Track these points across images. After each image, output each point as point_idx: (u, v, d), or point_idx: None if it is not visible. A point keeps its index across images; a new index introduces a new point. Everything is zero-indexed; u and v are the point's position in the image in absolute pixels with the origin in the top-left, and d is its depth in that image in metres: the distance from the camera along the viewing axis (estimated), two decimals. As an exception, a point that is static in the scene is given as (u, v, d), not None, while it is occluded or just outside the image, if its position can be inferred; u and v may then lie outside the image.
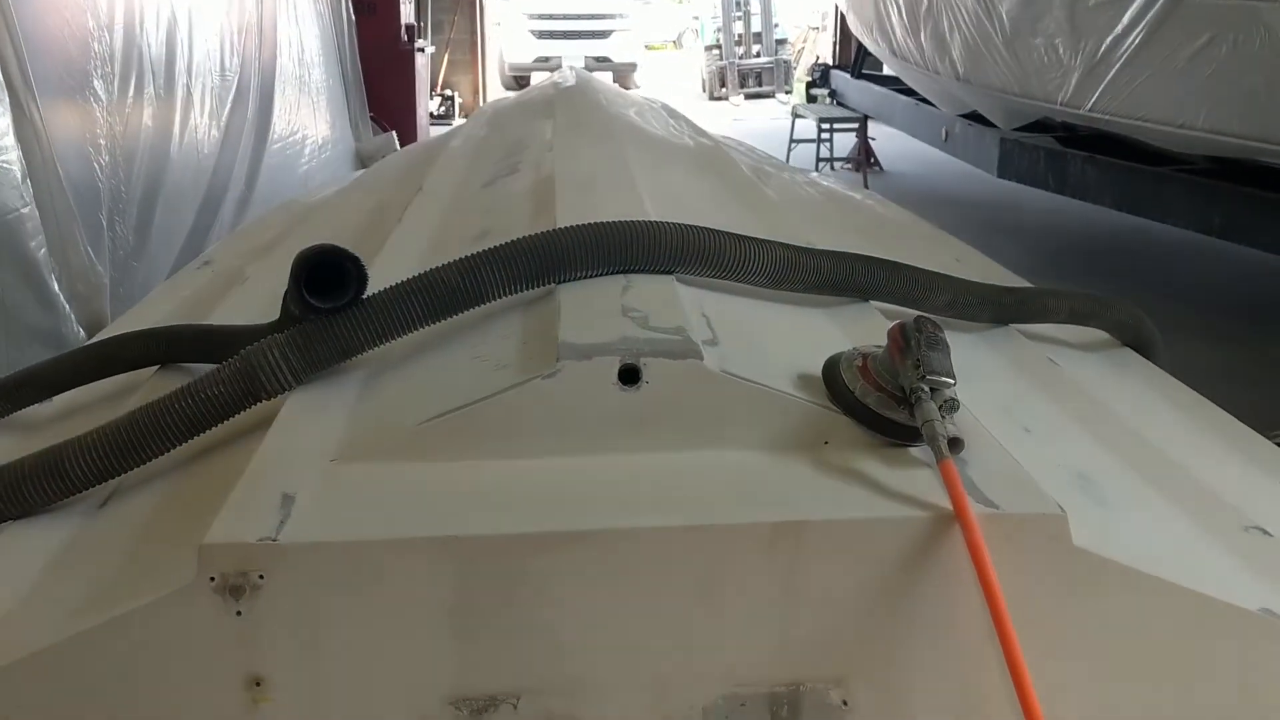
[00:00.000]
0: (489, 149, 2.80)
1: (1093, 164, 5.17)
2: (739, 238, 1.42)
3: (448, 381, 1.18)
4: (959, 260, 2.71)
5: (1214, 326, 5.29)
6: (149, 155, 3.89)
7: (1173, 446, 1.42)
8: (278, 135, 5.64)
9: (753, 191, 2.36)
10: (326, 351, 1.24)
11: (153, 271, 3.81)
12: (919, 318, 1.13)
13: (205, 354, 1.57)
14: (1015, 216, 8.00)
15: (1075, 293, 1.92)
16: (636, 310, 1.21)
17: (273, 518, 0.96)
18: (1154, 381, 1.80)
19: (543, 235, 1.33)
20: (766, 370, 1.17)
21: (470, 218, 2.00)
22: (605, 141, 2.40)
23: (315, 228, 2.47)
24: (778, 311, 1.46)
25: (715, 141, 3.06)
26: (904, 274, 1.59)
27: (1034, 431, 1.32)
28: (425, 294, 1.27)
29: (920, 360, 1.08)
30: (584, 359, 1.09)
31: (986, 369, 1.56)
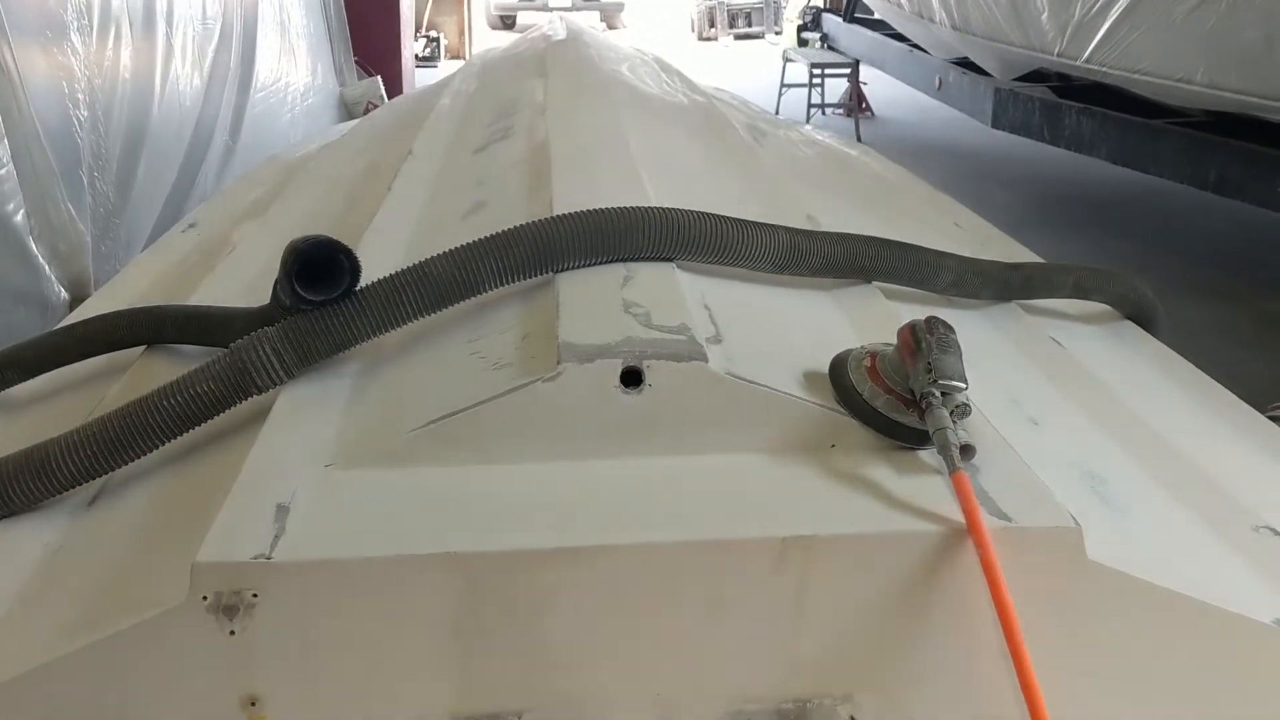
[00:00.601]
0: (479, 109, 2.74)
1: (1088, 116, 5.11)
2: (742, 224, 1.39)
3: (445, 381, 1.15)
4: (958, 224, 2.68)
5: (1209, 280, 5.28)
6: (130, 108, 3.80)
7: (1178, 434, 1.40)
8: (261, 83, 5.52)
9: (749, 156, 2.31)
10: (319, 345, 1.21)
11: (136, 227, 3.74)
12: (930, 319, 1.10)
13: (194, 336, 1.53)
14: (1009, 166, 7.95)
15: (1078, 267, 1.89)
16: (638, 306, 1.18)
17: (266, 532, 0.93)
18: (1156, 358, 1.78)
19: (540, 224, 1.29)
20: (771, 369, 1.15)
21: (463, 188, 1.95)
22: (599, 104, 2.34)
23: (302, 193, 2.41)
24: (780, 297, 1.43)
25: (708, 98, 2.99)
26: (908, 255, 1.56)
27: (1041, 424, 1.30)
28: (420, 286, 1.23)
29: (932, 364, 1.05)
30: (586, 361, 1.06)
31: (991, 351, 1.54)
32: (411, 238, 1.73)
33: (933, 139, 9.14)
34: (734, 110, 3.21)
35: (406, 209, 1.89)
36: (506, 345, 1.18)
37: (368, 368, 1.25)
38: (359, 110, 7.64)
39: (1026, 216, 6.63)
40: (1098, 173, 6.26)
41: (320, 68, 7.09)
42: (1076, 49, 4.76)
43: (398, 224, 1.80)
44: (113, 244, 3.58)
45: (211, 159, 4.70)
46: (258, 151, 5.13)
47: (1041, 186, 7.36)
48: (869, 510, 0.98)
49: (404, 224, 1.81)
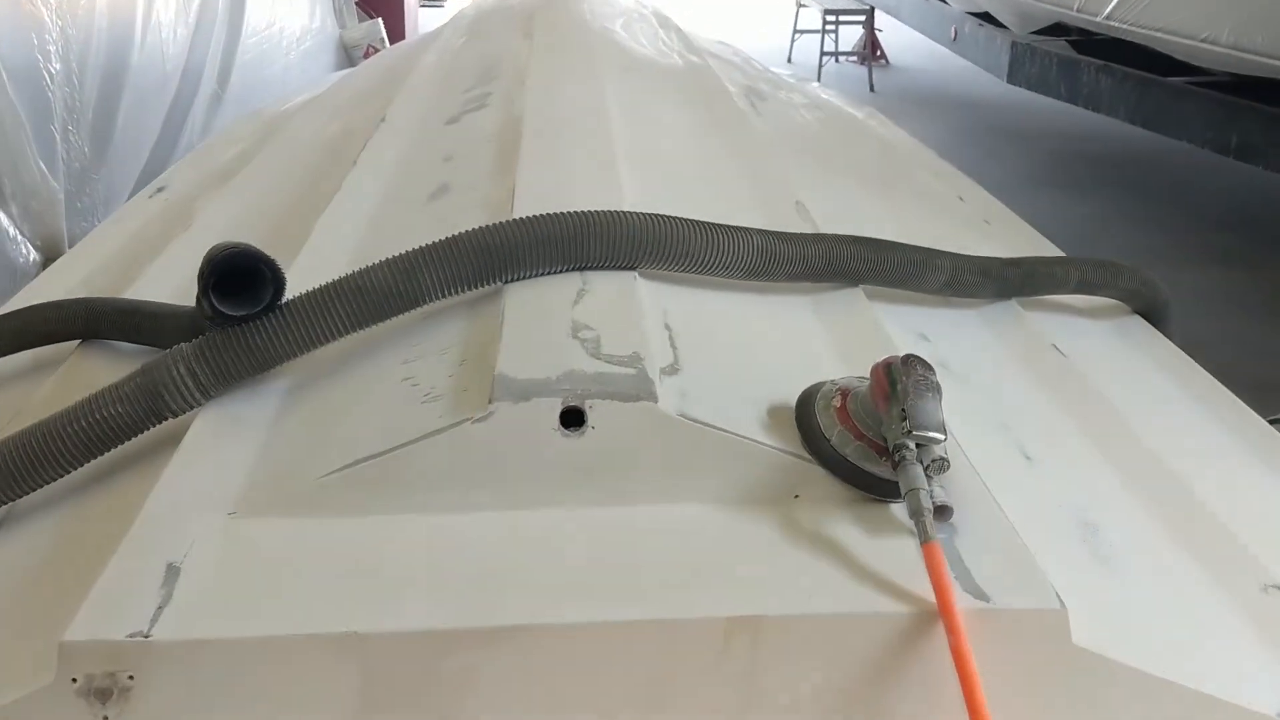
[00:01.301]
0: (461, 70, 2.60)
1: (1107, 73, 4.92)
2: (709, 229, 1.26)
3: (371, 412, 1.04)
4: (961, 198, 2.56)
5: (1225, 245, 5.12)
6: (107, 57, 3.65)
7: (1185, 461, 1.28)
8: (253, 27, 5.33)
9: (741, 130, 2.17)
10: (239, 364, 1.10)
11: (116, 181, 3.61)
12: (908, 357, 0.98)
13: (127, 333, 1.42)
14: (1026, 119, 7.74)
15: (1084, 261, 1.77)
16: (588, 329, 1.06)
17: (150, 601, 0.83)
18: (1164, 364, 1.66)
19: (489, 231, 1.17)
20: (733, 403, 1.03)
21: (430, 165, 1.83)
22: (583, 73, 2.21)
23: (270, 161, 2.29)
24: (754, 306, 1.31)
25: (705, 60, 2.84)
26: (894, 255, 1.44)
27: (1034, 458, 1.19)
28: (353, 298, 1.12)
29: (907, 411, 0.94)
30: (521, 400, 0.95)
31: (985, 362, 1.43)
32: (369, 223, 1.61)
33: (948, 89, 8.92)
34: (733, 70, 3.06)
35: (369, 186, 1.77)
36: (442, 370, 1.07)
37: (298, 385, 1.14)
38: (359, 54, 7.47)
39: (1040, 173, 6.46)
40: (1115, 128, 6.07)
41: (319, 9, 6.89)
42: (1097, 4, 4.57)
43: (358, 205, 1.68)
44: (90, 200, 3.46)
45: (198, 109, 4.55)
46: (249, 100, 4.98)
47: (1057, 142, 7.17)
48: (828, 583, 0.87)
49: (365, 205, 1.69)
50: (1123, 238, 5.22)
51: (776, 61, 10.78)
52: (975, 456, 1.09)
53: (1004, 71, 5.77)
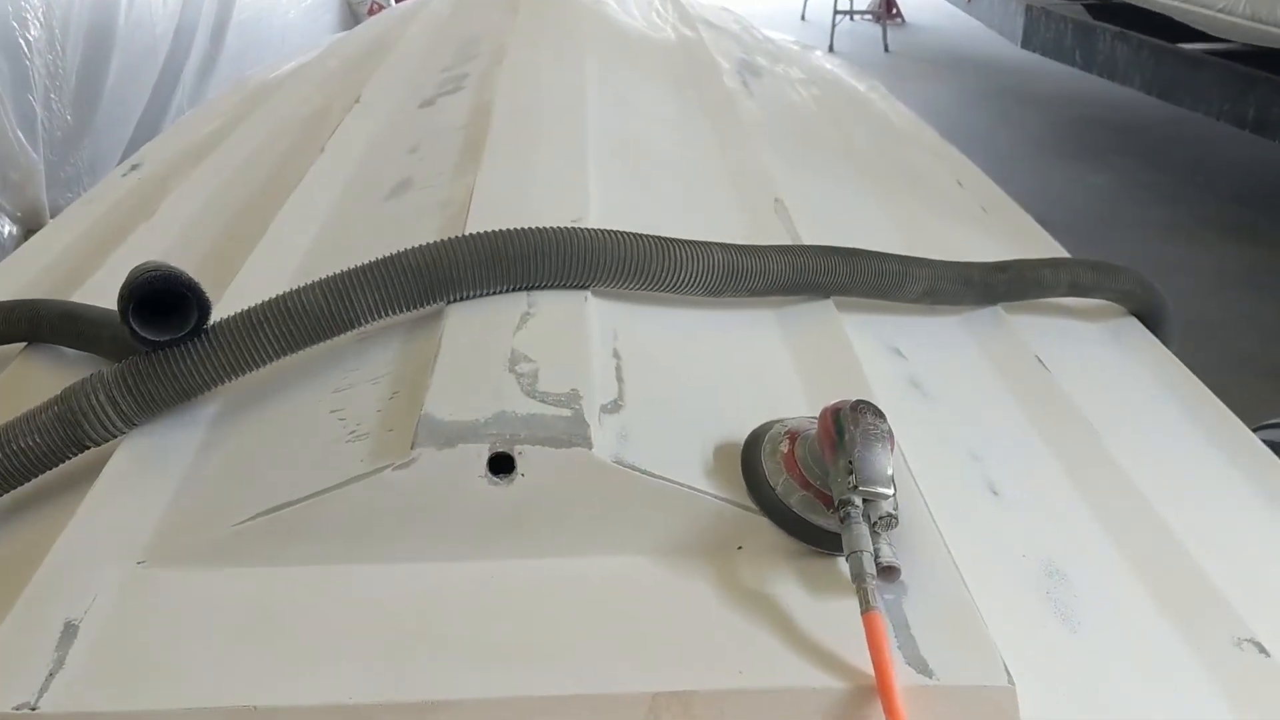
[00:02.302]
0: (443, 44, 2.52)
1: (1123, 41, 4.79)
2: (669, 245, 1.20)
3: (293, 450, 0.99)
4: (960, 183, 2.48)
5: (1242, 220, 5.00)
6: (91, 22, 3.56)
7: (1165, 489, 1.22)
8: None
9: (727, 115, 2.09)
10: (163, 392, 1.04)
11: (103, 148, 3.54)
12: (857, 404, 0.92)
13: (70, 339, 1.37)
14: (1041, 82, 7.58)
15: (1075, 262, 1.70)
16: (527, 360, 1.01)
17: (42, 665, 0.79)
18: (1155, 374, 1.59)
19: (430, 250, 1.11)
20: (678, 442, 0.98)
21: (396, 156, 1.76)
22: (564, 55, 2.13)
23: (243, 142, 2.22)
24: (713, 324, 1.25)
25: (699, 33, 2.75)
26: (868, 267, 1.37)
27: (1002, 494, 1.13)
28: (283, 321, 1.06)
29: (854, 463, 0.88)
30: (446, 446, 0.89)
31: (960, 381, 1.36)
32: (326, 222, 1.55)
33: (963, 49, 8.74)
34: (729, 43, 2.97)
35: (331, 180, 1.71)
36: (371, 404, 1.02)
37: (226, 410, 1.09)
38: (363, 10, 7.35)
39: (1053, 140, 6.32)
40: (1132, 94, 5.93)
41: (321, -37, 6.76)
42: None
43: (317, 201, 1.62)
44: (74, 169, 3.40)
45: (190, 72, 4.46)
46: (244, 60, 4.89)
47: (1073, 107, 7.01)
48: (764, 653, 0.82)
49: (324, 201, 1.63)
50: (1136, 211, 5.11)
51: (791, 20, 10.60)
52: (938, 493, 1.03)
53: (1018, 36, 5.63)
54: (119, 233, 1.86)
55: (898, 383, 1.29)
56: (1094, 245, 5.03)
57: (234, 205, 1.83)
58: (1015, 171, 5.70)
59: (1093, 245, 4.99)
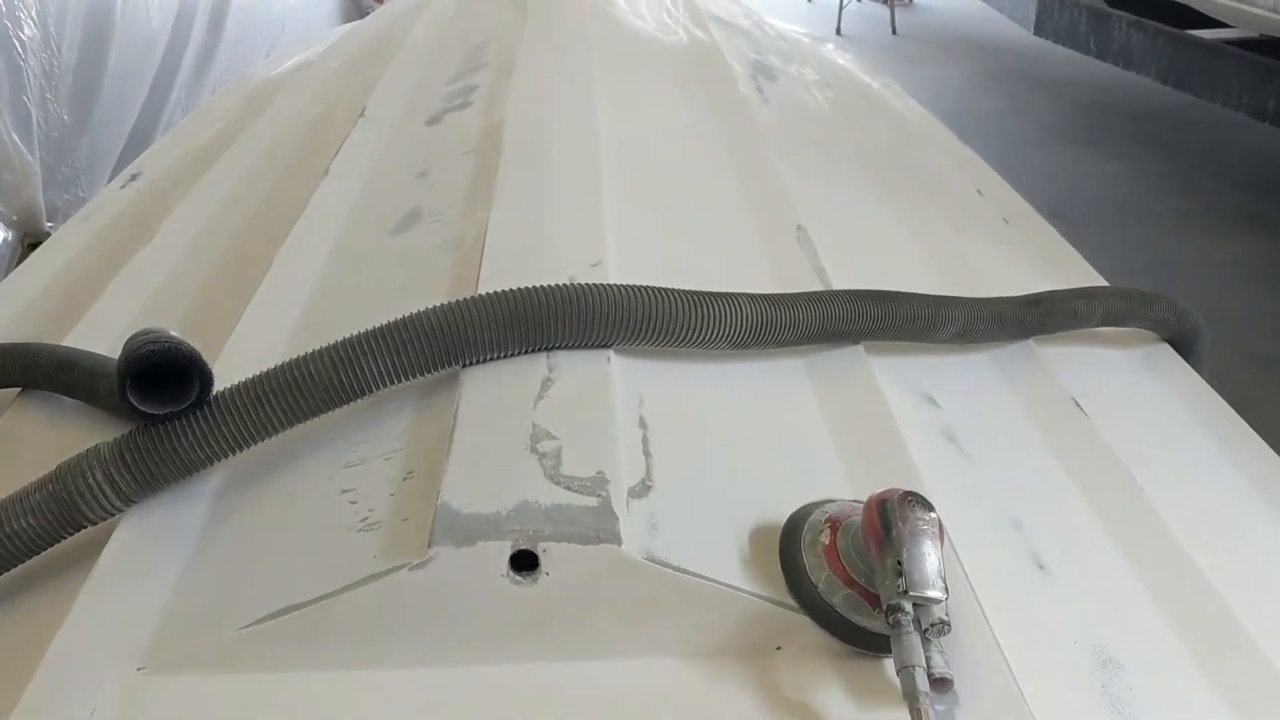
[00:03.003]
0: (450, 49, 2.44)
1: (1139, 29, 4.70)
2: (695, 299, 1.14)
3: (301, 540, 0.93)
4: (980, 192, 2.41)
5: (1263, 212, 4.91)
6: (88, 19, 3.48)
7: (1211, 553, 1.16)
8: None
9: (745, 128, 2.02)
10: (163, 470, 0.99)
11: (101, 147, 3.47)
12: (905, 496, 0.86)
13: (65, 388, 1.31)
14: (1052, 65, 7.47)
15: (1109, 291, 1.64)
16: (550, 437, 0.95)
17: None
18: (1194, 409, 1.53)
19: (444, 312, 1.05)
20: (712, 528, 0.92)
21: (403, 182, 1.70)
22: (575, 65, 2.05)
23: (243, 153, 2.15)
24: (740, 380, 1.18)
25: (710, 35, 2.67)
26: (900, 311, 1.31)
27: (1049, 568, 1.07)
28: (290, 392, 1.00)
29: (903, 565, 0.82)
30: (465, 544, 0.84)
31: (997, 432, 1.30)
32: (332, 257, 1.49)
33: (972, 31, 8.62)
34: (742, 42, 2.88)
35: (337, 206, 1.64)
36: (384, 484, 0.96)
37: (229, 485, 1.03)
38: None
39: (1065, 126, 6.23)
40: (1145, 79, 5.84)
41: (321, -54, 6.64)
42: (1131, -43, 4.33)
43: (322, 233, 1.56)
44: (72, 169, 3.32)
45: (188, 64, 4.36)
46: (244, 49, 4.81)
47: (1086, 92, 6.91)
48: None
49: (330, 232, 1.57)
50: (1150, 201, 5.02)
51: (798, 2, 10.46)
52: (982, 569, 0.98)
53: (1031, 22, 5.53)
54: (117, 257, 1.79)
55: (933, 437, 1.23)
56: (1108, 237, 4.97)
57: (235, 229, 1.77)
58: (1027, 159, 5.63)
59: (1107, 237, 4.93)
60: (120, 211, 2.14)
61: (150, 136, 3.89)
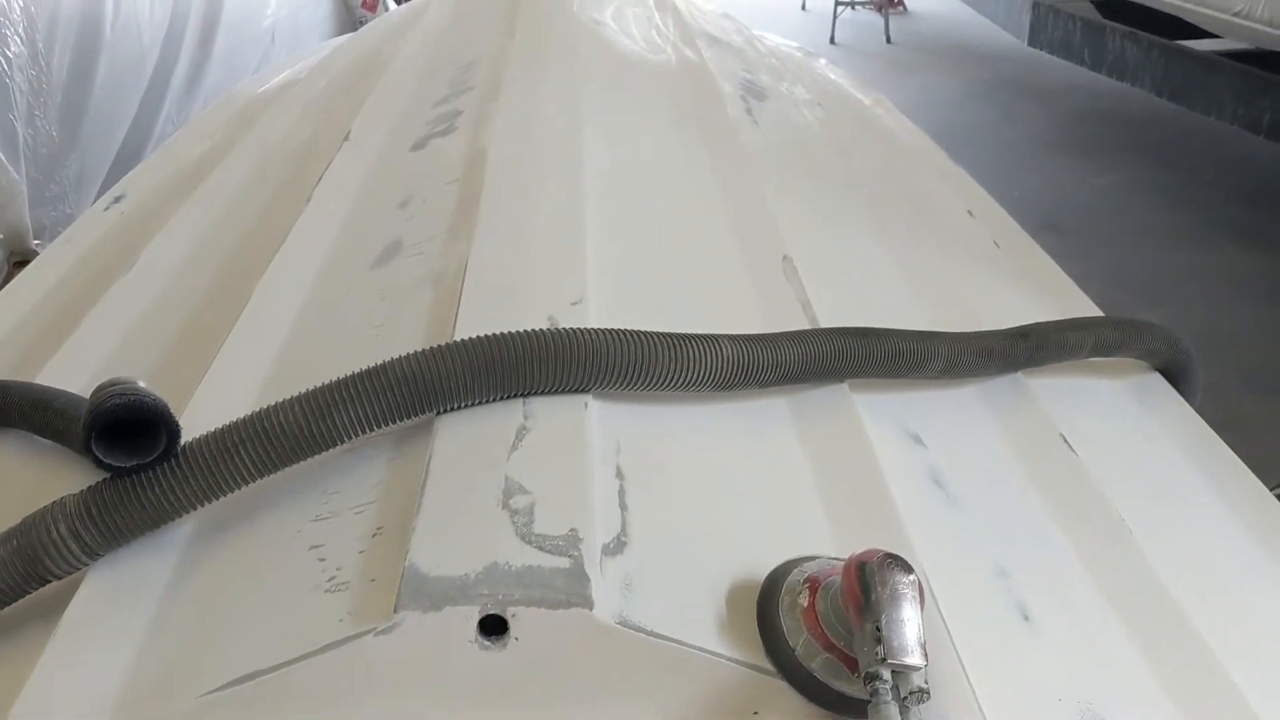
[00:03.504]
0: (437, 70, 2.42)
1: (1133, 41, 4.69)
2: (675, 342, 1.12)
3: (267, 599, 0.91)
4: (971, 213, 2.39)
5: (1258, 224, 4.89)
6: (77, 35, 3.46)
7: (1199, 599, 1.14)
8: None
9: (733, 153, 2.00)
10: (130, 523, 0.97)
11: (89, 163, 3.44)
12: (885, 558, 0.84)
13: (39, 427, 1.29)
14: (1046, 72, 7.44)
15: (1099, 322, 1.62)
16: (524, 491, 0.93)
17: None
18: (1185, 444, 1.52)
19: (419, 360, 1.03)
20: (687, 590, 0.90)
21: (386, 211, 1.67)
22: (562, 90, 2.03)
23: (228, 177, 2.13)
24: (722, 423, 1.17)
25: (700, 55, 2.65)
26: (884, 347, 1.29)
27: (1034, 619, 1.05)
28: (259, 443, 0.98)
29: (882, 630, 0.80)
30: (433, 609, 0.82)
31: (983, 471, 1.28)
32: (312, 290, 1.47)
33: (966, 39, 8.60)
34: (733, 60, 2.87)
35: (318, 237, 1.62)
36: (354, 541, 0.94)
37: (199, 534, 1.01)
38: (356, 2, 7.23)
39: (1058, 136, 6.21)
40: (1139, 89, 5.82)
41: (314, -44, 6.62)
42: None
43: (302, 265, 1.54)
44: (60, 186, 3.30)
45: (179, 77, 4.34)
46: (234, 62, 4.79)
47: (1079, 100, 6.89)
48: None
49: (311, 263, 1.55)
50: (1143, 212, 5.01)
51: (792, 10, 10.47)
52: (964, 620, 0.96)
53: (1025, 33, 5.53)
54: (97, 285, 1.77)
55: (919, 480, 1.21)
56: (1101, 250, 4.95)
57: (217, 258, 1.75)
58: (1020, 170, 5.62)
59: (1100, 250, 4.92)
60: (103, 235, 2.12)
61: (140, 151, 3.87)
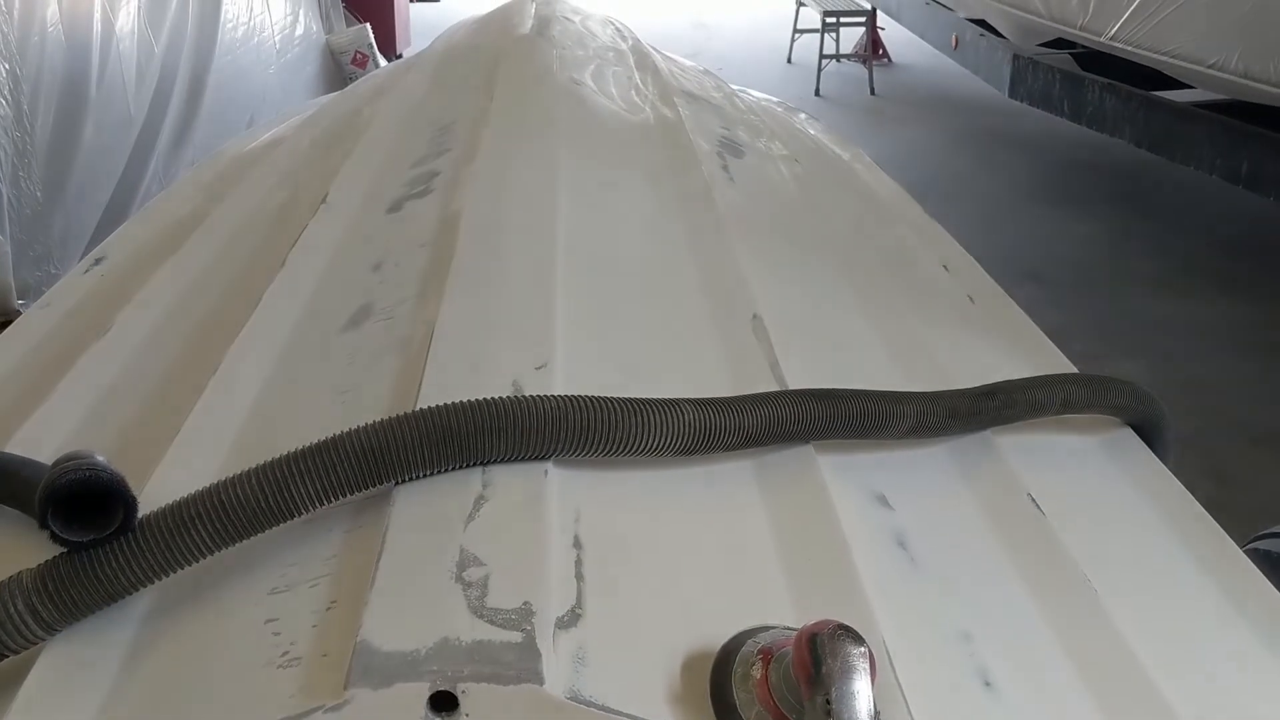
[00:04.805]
0: (416, 131, 2.45)
1: (1113, 93, 4.75)
2: (635, 407, 1.12)
3: (221, 674, 0.91)
4: (946, 267, 2.41)
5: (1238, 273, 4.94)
6: (62, 95, 3.50)
7: (1168, 663, 1.14)
8: (227, 44, 5.13)
9: (707, 213, 2.02)
10: (87, 598, 0.96)
11: (74, 223, 3.47)
12: (836, 629, 0.84)
13: (6, 496, 1.29)
14: (1026, 123, 7.55)
15: (1069, 379, 1.64)
16: (478, 564, 0.93)
17: None
18: (1156, 502, 1.52)
19: (375, 432, 1.03)
20: (641, 662, 0.90)
21: (356, 276, 1.69)
22: (537, 152, 2.05)
23: (206, 242, 2.14)
24: (684, 489, 1.17)
25: (678, 113, 2.68)
26: (850, 409, 1.30)
27: (995, 684, 1.05)
28: (216, 517, 0.98)
29: (831, 702, 0.80)
30: (383, 685, 0.81)
31: (948, 535, 1.28)
32: (281, 356, 1.48)
33: (951, 90, 8.72)
34: (711, 118, 2.90)
35: (290, 303, 1.63)
36: (308, 615, 0.93)
37: (158, 609, 1.01)
38: (346, 60, 7.32)
39: (1039, 185, 6.29)
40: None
41: (304, 15, 6.71)
42: (1101, 23, 4.39)
43: (273, 330, 1.55)
44: (44, 246, 3.32)
45: (165, 136, 4.38)
46: (223, 120, 4.84)
47: (1060, 149, 6.98)
48: None
49: (282, 328, 1.56)
50: (1123, 262, 5.05)
51: (777, 62, 10.59)
52: (924, 688, 0.96)
53: (1005, 85, 5.59)
54: (72, 350, 1.78)
55: (883, 543, 1.21)
56: (1083, 299, 4.98)
57: (191, 323, 1.75)
58: (1001, 219, 5.67)
59: (1081, 299, 4.95)
60: (81, 300, 2.13)
61: (127, 210, 3.90)
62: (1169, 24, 4.06)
